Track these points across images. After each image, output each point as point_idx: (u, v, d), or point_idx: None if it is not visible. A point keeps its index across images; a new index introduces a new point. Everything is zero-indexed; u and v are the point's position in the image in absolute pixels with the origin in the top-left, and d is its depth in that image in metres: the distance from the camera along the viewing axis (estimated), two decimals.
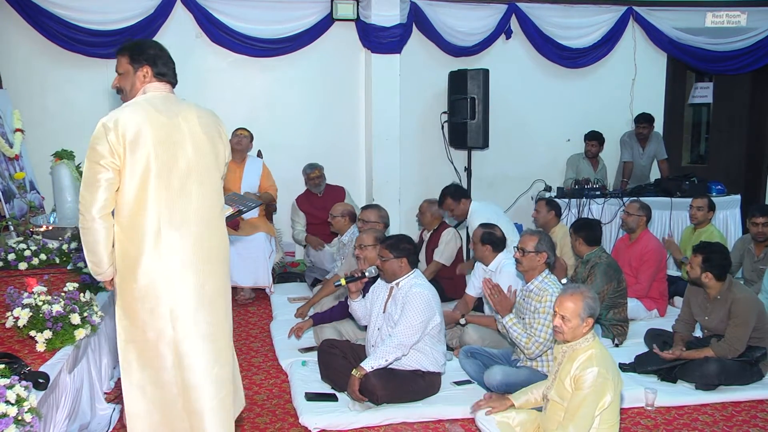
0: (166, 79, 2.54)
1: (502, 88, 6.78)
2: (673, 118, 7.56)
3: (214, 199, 2.55)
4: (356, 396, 3.49)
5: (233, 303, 5.48)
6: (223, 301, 2.57)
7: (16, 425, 2.18)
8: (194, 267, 2.45)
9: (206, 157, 2.51)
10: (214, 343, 2.49)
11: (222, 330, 2.55)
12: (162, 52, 2.55)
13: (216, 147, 2.56)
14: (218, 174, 2.58)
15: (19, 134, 5.37)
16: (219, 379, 2.50)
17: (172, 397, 2.44)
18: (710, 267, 3.90)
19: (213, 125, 2.58)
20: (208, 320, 2.48)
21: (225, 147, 2.63)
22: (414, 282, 3.68)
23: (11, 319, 2.99)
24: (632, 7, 7.07)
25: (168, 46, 2.64)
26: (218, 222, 2.56)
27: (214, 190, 2.55)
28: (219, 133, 2.60)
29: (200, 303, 2.47)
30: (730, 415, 3.63)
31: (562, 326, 2.82)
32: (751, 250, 5.18)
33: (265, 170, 5.88)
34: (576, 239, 4.73)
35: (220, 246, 2.56)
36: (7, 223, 4.67)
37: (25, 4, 5.83)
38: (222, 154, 2.60)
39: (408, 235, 3.97)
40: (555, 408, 2.86)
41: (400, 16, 6.40)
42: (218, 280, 2.54)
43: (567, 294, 2.86)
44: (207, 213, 2.50)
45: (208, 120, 2.57)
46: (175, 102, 2.53)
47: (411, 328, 3.53)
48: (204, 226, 2.49)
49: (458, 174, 6.87)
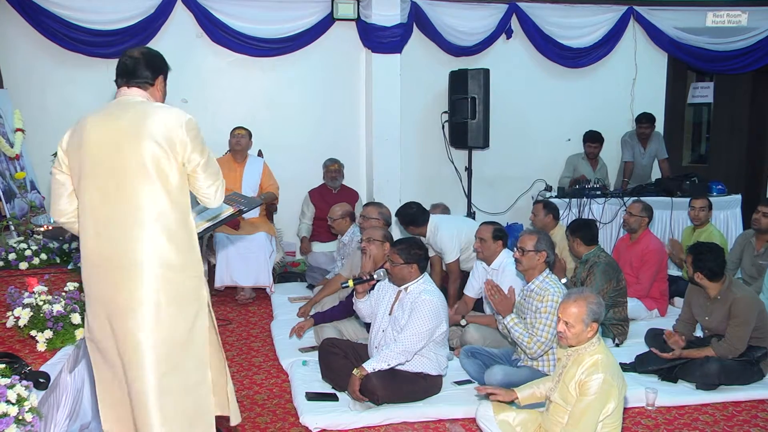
0: (120, 83, 2.52)
1: (503, 88, 6.77)
2: (674, 117, 7.56)
3: (140, 203, 2.33)
4: (357, 396, 3.48)
5: (234, 302, 5.57)
6: (149, 309, 2.33)
7: (17, 425, 2.18)
8: (108, 272, 2.35)
9: (128, 161, 2.33)
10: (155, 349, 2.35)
11: (156, 338, 2.34)
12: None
13: (145, 150, 2.33)
14: (147, 179, 2.33)
15: (20, 134, 5.38)
16: (161, 388, 2.35)
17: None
18: (701, 267, 3.90)
19: (142, 125, 2.36)
20: (134, 329, 2.33)
21: (165, 149, 2.34)
22: (423, 288, 3.65)
23: (12, 319, 3.00)
24: (633, 7, 7.07)
25: (168, 46, 2.66)
26: (139, 229, 2.33)
27: (140, 195, 2.33)
28: (151, 134, 2.34)
29: (118, 309, 2.34)
30: (731, 414, 3.63)
31: (566, 332, 2.79)
32: (752, 244, 5.18)
33: (266, 169, 5.89)
34: (573, 240, 4.71)
35: (141, 251, 2.34)
36: (8, 223, 4.67)
37: (25, 4, 5.83)
38: (154, 157, 2.34)
39: (419, 239, 3.95)
40: (557, 410, 2.86)
41: (400, 15, 6.40)
42: (139, 288, 2.32)
43: (570, 299, 2.83)
44: (130, 218, 2.33)
45: (146, 121, 2.37)
46: (122, 105, 2.44)
47: (417, 336, 3.52)
48: (120, 231, 2.33)
49: (459, 173, 6.87)
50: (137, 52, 2.54)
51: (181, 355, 2.39)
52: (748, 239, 5.25)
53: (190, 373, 2.42)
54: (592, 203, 6.34)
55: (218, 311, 5.43)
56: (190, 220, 2.47)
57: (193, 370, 2.43)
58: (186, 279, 2.41)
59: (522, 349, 3.54)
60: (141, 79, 2.50)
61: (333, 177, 6.28)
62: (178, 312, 2.38)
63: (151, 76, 2.52)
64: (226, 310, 5.47)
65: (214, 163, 2.50)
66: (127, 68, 2.50)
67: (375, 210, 5.05)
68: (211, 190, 2.49)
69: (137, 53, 2.54)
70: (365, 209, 5.14)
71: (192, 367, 2.42)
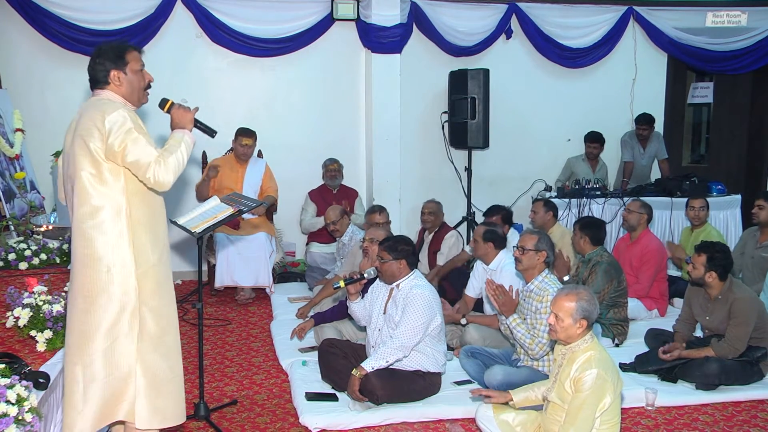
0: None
1: (503, 88, 6.78)
2: (674, 118, 7.56)
3: (82, 201, 2.46)
4: (356, 396, 3.49)
5: (234, 302, 5.57)
6: (80, 301, 2.47)
7: (17, 425, 2.19)
8: (72, 267, 2.54)
9: (76, 158, 2.47)
10: (66, 338, 2.53)
11: (69, 328, 2.52)
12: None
13: (80, 148, 2.46)
14: (79, 174, 2.45)
15: (20, 134, 5.38)
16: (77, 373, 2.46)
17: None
18: (714, 266, 3.90)
19: (87, 121, 2.47)
20: (67, 317, 2.54)
21: (91, 143, 2.43)
22: (414, 283, 3.67)
23: (12, 319, 3.00)
24: (632, 7, 7.07)
25: (168, 46, 2.67)
26: (83, 226, 2.45)
27: (80, 192, 2.46)
28: (77, 132, 2.48)
29: (70, 301, 2.54)
30: (731, 415, 3.63)
31: (555, 325, 2.82)
32: (755, 237, 5.22)
33: (268, 171, 5.89)
34: (581, 237, 4.72)
35: (82, 249, 2.47)
36: (8, 223, 4.67)
37: (25, 4, 5.83)
38: (84, 152, 2.45)
39: (407, 236, 3.97)
40: (555, 409, 2.86)
41: (400, 15, 6.40)
42: (77, 281, 2.49)
43: (563, 293, 2.86)
44: (78, 214, 2.47)
45: (84, 118, 2.49)
46: (82, 105, 2.59)
47: (412, 330, 3.53)
48: (75, 227, 2.50)
49: (458, 174, 6.87)
50: (92, 56, 2.60)
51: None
52: (753, 233, 5.28)
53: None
54: (592, 203, 6.34)
55: (218, 311, 5.43)
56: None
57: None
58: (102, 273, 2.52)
59: (524, 349, 3.54)
60: (99, 83, 2.58)
61: (332, 176, 6.29)
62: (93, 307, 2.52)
63: (104, 76, 2.57)
64: (226, 310, 5.47)
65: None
66: (89, 79, 2.61)
67: (383, 217, 5.29)
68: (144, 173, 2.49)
69: (92, 56, 2.60)
70: (370, 217, 5.33)
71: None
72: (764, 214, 5.10)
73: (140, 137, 2.44)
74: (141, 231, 2.50)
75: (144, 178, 2.46)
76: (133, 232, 2.48)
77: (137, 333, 2.48)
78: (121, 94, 2.58)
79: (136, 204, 2.50)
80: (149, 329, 2.51)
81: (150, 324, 2.51)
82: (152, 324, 2.52)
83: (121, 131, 2.41)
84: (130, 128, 2.43)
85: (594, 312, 2.81)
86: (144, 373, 2.49)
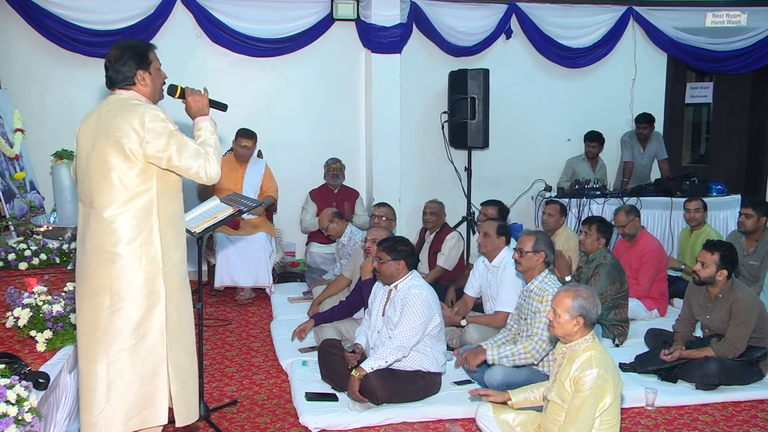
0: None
1: (503, 88, 6.77)
2: (674, 118, 7.56)
3: (111, 200, 2.45)
4: (356, 396, 3.49)
5: (234, 302, 5.57)
6: (105, 299, 2.44)
7: (17, 425, 2.19)
8: (80, 263, 2.53)
9: (106, 158, 2.45)
10: (84, 337, 2.48)
11: (90, 326, 2.47)
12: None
13: (113, 148, 2.44)
14: (108, 174, 2.44)
15: (20, 134, 5.38)
16: (90, 372, 2.44)
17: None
18: (727, 263, 3.91)
19: (120, 122, 2.45)
20: (84, 315, 2.50)
21: (119, 144, 2.43)
22: (412, 283, 3.67)
23: (11, 319, 3.00)
24: (632, 7, 7.07)
25: (168, 46, 2.67)
26: (113, 225, 2.44)
27: (109, 191, 2.45)
28: (108, 132, 2.45)
29: (89, 299, 2.49)
30: (731, 414, 3.64)
31: (553, 320, 2.84)
32: (741, 244, 5.19)
33: (268, 171, 5.89)
34: (598, 238, 4.71)
35: (110, 247, 2.44)
36: (8, 223, 4.67)
37: (25, 4, 5.83)
38: (108, 152, 2.44)
39: (405, 237, 3.96)
40: (555, 409, 2.86)
41: (400, 15, 6.40)
42: (98, 279, 2.45)
43: (563, 290, 2.87)
44: (106, 214, 2.44)
45: (116, 119, 2.46)
46: (104, 104, 2.58)
47: (411, 330, 3.53)
48: (101, 225, 2.45)
49: (458, 174, 6.87)
50: (112, 56, 2.61)
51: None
52: (738, 239, 5.25)
53: None
54: (592, 203, 6.34)
55: (218, 311, 5.43)
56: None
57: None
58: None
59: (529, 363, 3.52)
60: (123, 83, 2.60)
61: (334, 175, 6.28)
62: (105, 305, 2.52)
63: (130, 77, 2.59)
64: (226, 310, 5.47)
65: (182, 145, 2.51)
66: (108, 78, 2.61)
67: (391, 212, 5.38)
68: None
69: (112, 56, 2.60)
70: (378, 209, 5.42)
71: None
72: (750, 222, 5.10)
73: (185, 138, 2.49)
74: (168, 230, 2.52)
75: (196, 178, 2.52)
76: (161, 231, 2.49)
77: (165, 331, 2.48)
78: (145, 93, 2.60)
79: (165, 204, 2.52)
80: (174, 326, 2.52)
81: (175, 321, 2.53)
82: (176, 321, 2.54)
83: (164, 133, 2.44)
84: (172, 130, 2.47)
85: (593, 311, 2.80)
86: (174, 371, 2.51)
